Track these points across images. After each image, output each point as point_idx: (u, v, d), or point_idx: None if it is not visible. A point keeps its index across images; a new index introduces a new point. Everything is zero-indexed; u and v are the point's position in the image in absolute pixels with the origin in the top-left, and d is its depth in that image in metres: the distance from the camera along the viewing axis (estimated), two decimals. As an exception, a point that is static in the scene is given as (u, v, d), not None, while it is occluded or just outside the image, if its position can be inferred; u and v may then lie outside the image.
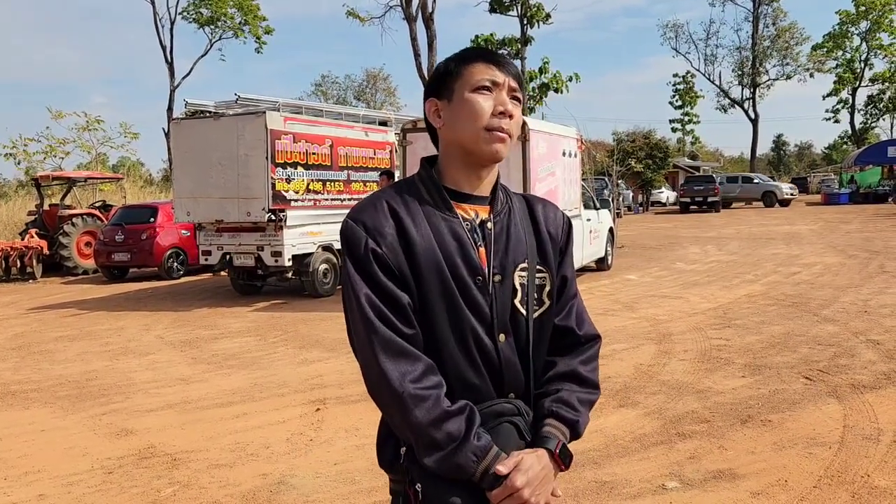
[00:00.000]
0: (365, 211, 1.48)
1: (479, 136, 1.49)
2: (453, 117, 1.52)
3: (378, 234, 1.44)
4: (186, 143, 11.27)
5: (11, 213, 22.22)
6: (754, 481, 3.85)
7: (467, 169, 1.54)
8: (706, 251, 16.16)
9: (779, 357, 6.45)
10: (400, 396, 1.37)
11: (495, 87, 1.51)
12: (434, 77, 1.57)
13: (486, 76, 1.50)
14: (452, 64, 1.54)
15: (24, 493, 4.11)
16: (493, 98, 1.50)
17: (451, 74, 1.53)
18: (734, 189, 36.74)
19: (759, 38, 41.62)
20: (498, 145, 1.50)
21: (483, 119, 1.48)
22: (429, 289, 1.45)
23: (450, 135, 1.53)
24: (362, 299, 1.42)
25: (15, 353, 8.06)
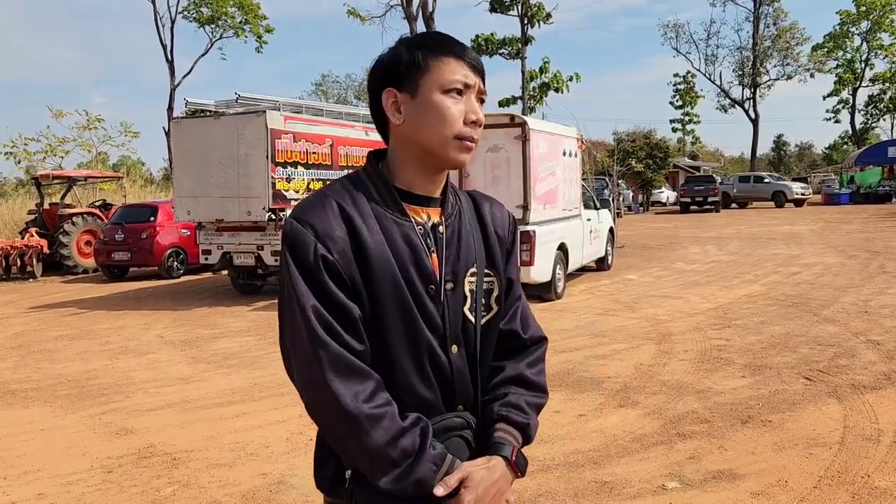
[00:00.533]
0: (313, 212, 1.35)
1: (449, 144, 1.39)
2: (419, 117, 1.39)
3: (329, 239, 1.32)
4: (187, 142, 11.27)
5: (12, 212, 22.21)
6: (754, 482, 3.84)
7: (424, 171, 1.43)
8: (706, 251, 16.16)
9: (779, 357, 6.45)
10: (355, 418, 1.27)
11: (467, 89, 1.40)
12: (394, 64, 1.40)
13: (458, 77, 1.38)
14: (420, 55, 1.39)
15: (24, 491, 4.11)
16: (465, 103, 1.39)
17: (418, 67, 1.38)
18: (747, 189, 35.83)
19: (760, 38, 41.61)
20: (466, 155, 1.41)
21: (455, 127, 1.38)
22: (382, 299, 1.34)
23: (411, 134, 1.40)
24: (309, 311, 1.29)
25: (15, 352, 8.05)
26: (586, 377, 6.03)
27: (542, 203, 9.88)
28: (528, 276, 9.48)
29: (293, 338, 1.33)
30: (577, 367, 6.35)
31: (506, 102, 23.33)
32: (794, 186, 35.65)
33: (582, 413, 5.11)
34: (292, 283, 1.32)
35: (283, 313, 1.36)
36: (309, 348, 1.30)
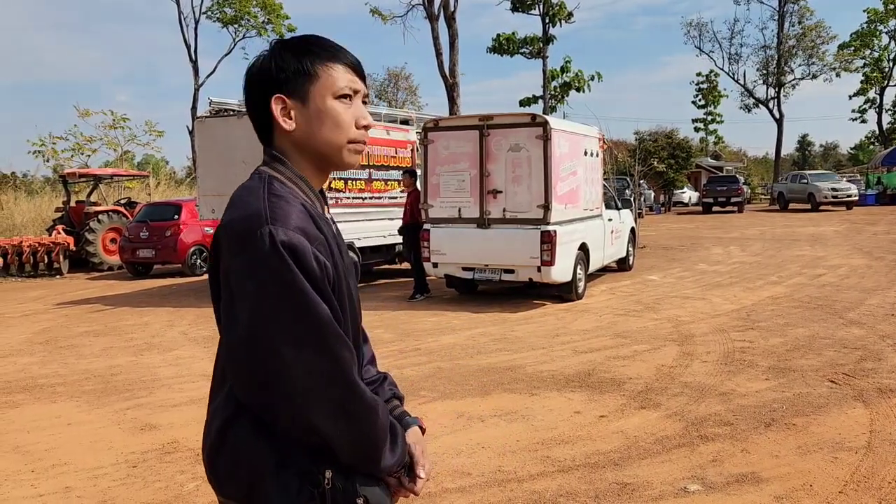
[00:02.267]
0: (294, 216, 1.32)
1: (343, 149, 1.45)
2: (312, 124, 1.42)
3: (318, 242, 1.34)
4: (210, 141, 11.38)
5: (39, 209, 22.56)
6: (778, 485, 3.81)
7: (318, 172, 1.49)
8: (729, 252, 16.00)
9: (803, 360, 6.37)
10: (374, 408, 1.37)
11: (355, 95, 1.46)
12: (282, 72, 1.41)
13: (347, 83, 1.44)
14: (307, 61, 1.41)
15: (51, 485, 4.18)
16: (354, 107, 1.45)
17: (307, 75, 1.41)
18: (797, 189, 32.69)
19: (785, 36, 41.07)
20: (356, 158, 1.49)
21: (349, 132, 1.44)
22: (344, 293, 1.39)
23: (304, 140, 1.44)
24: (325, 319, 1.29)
25: (42, 348, 8.19)
26: (607, 378, 6.00)
27: (564, 203, 9.85)
28: (548, 276, 9.46)
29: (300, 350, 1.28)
30: (597, 368, 6.33)
31: (527, 102, 23.28)
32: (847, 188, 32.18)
33: (603, 414, 5.09)
34: (301, 292, 1.27)
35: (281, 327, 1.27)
36: (328, 356, 1.30)
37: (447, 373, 6.35)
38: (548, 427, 4.86)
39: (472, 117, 10.31)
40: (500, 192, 9.71)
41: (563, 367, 6.41)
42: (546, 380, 6.03)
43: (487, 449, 4.49)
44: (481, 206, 9.80)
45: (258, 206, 1.32)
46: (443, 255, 10.05)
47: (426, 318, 9.18)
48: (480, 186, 9.79)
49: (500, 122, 9.79)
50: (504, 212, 9.70)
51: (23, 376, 6.83)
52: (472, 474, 4.10)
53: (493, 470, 4.15)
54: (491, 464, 4.25)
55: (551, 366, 6.50)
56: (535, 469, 4.14)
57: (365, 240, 11.91)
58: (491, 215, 9.77)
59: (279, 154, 1.46)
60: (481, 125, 9.82)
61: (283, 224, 1.29)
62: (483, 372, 6.35)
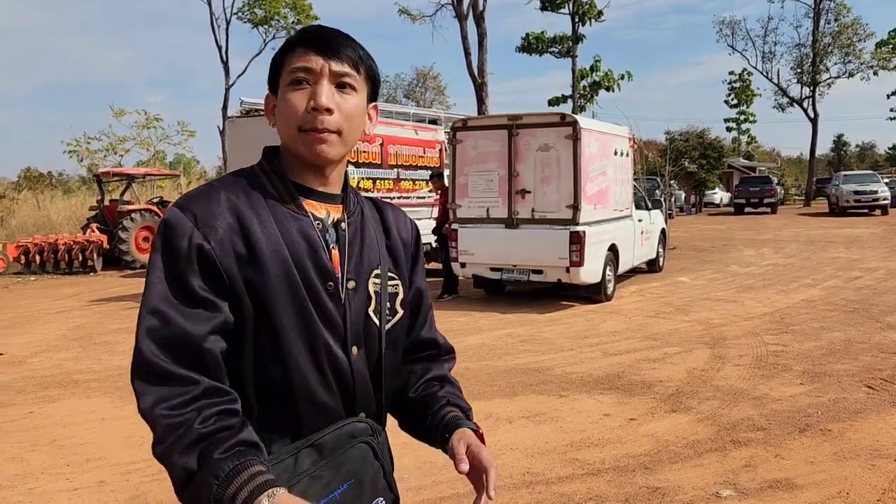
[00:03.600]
0: (197, 200, 1.27)
1: (295, 139, 1.31)
2: (278, 115, 1.35)
3: (208, 228, 1.24)
4: (241, 141, 11.48)
5: (74, 208, 23.03)
6: (813, 492, 3.73)
7: (308, 167, 1.36)
8: (762, 254, 15.75)
9: (839, 364, 6.24)
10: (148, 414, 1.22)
11: (311, 75, 1.30)
12: (269, 69, 1.38)
13: (297, 65, 1.30)
14: (278, 55, 1.35)
15: (86, 479, 4.25)
16: (308, 92, 1.30)
17: (276, 65, 1.35)
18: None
19: (820, 34, 40.25)
20: (319, 146, 1.30)
21: (295, 119, 1.30)
22: (275, 296, 1.26)
23: (279, 134, 1.36)
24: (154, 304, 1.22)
25: (77, 344, 8.34)
26: (637, 381, 5.94)
27: (593, 203, 9.77)
28: (577, 277, 9.40)
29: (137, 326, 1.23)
30: (627, 371, 6.26)
31: (556, 101, 23.14)
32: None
33: (633, 417, 5.04)
34: (152, 271, 1.24)
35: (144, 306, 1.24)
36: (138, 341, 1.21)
37: (475, 373, 6.34)
38: (577, 429, 4.82)
39: (500, 117, 10.28)
40: (529, 192, 9.66)
41: (592, 369, 6.36)
42: (575, 381, 5.99)
43: (516, 450, 4.47)
44: (510, 206, 9.77)
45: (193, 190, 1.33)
46: (471, 255, 10.04)
47: (454, 318, 9.17)
48: (509, 186, 9.76)
49: (529, 122, 9.75)
50: (533, 212, 9.66)
51: (58, 371, 6.96)
52: (500, 476, 4.08)
53: (521, 471, 4.13)
54: (519, 465, 4.22)
55: (580, 367, 6.45)
56: (564, 471, 4.11)
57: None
58: (519, 215, 9.73)
59: (273, 148, 1.41)
60: (510, 125, 9.78)
61: (180, 205, 1.27)
62: (511, 373, 6.33)
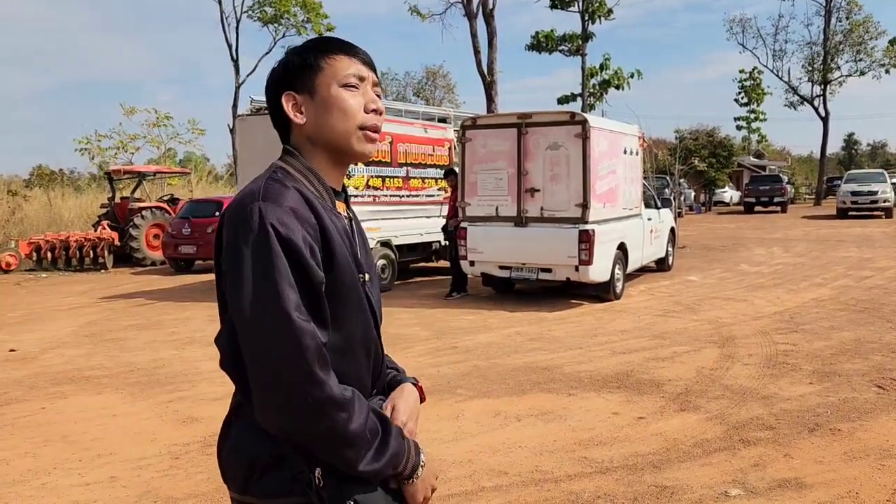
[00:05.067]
0: (285, 195, 1.33)
1: (353, 136, 1.44)
2: (321, 115, 1.43)
3: (308, 225, 1.32)
4: (251, 138, 11.53)
5: (86, 205, 23.16)
6: (822, 492, 3.72)
7: (334, 166, 1.48)
8: (772, 253, 15.68)
9: (849, 364, 6.22)
10: (344, 405, 1.28)
11: (361, 82, 1.45)
12: (288, 69, 1.45)
13: (351, 71, 1.44)
14: (311, 56, 1.44)
15: (97, 474, 4.29)
16: (362, 94, 1.45)
17: (311, 68, 1.43)
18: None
19: (832, 32, 39.96)
20: (370, 145, 1.47)
21: (356, 118, 1.44)
22: (343, 289, 1.37)
23: (316, 132, 1.44)
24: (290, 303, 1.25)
25: (88, 340, 8.40)
26: (646, 379, 5.94)
27: (602, 202, 9.76)
28: (586, 276, 9.39)
29: (264, 333, 1.26)
30: (636, 369, 6.26)
31: (565, 99, 23.09)
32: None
33: (641, 416, 5.03)
34: (271, 272, 1.25)
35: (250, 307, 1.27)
36: (290, 343, 1.24)
37: (484, 371, 6.35)
38: (585, 428, 4.83)
39: (510, 115, 10.28)
40: (538, 191, 9.66)
41: (600, 368, 6.36)
42: (583, 380, 5.99)
43: (524, 448, 4.47)
44: (519, 205, 9.77)
45: (254, 187, 1.36)
46: (480, 253, 10.04)
47: (463, 316, 9.18)
48: (518, 185, 9.75)
49: (538, 121, 9.74)
50: (542, 210, 9.65)
51: (70, 368, 7.02)
52: (508, 473, 4.09)
53: (530, 469, 4.14)
54: (528, 463, 4.23)
55: (589, 366, 6.45)
56: (573, 470, 4.12)
57: (402, 238, 11.97)
58: (528, 214, 9.73)
59: (292, 148, 1.48)
60: (519, 123, 9.78)
61: (273, 202, 1.30)
62: (520, 371, 6.33)
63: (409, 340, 7.59)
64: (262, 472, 1.34)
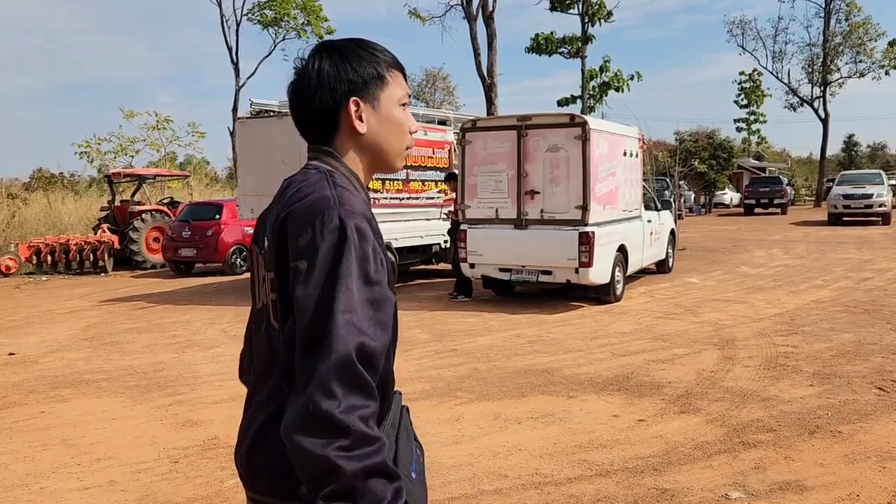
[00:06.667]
0: (357, 203, 1.35)
1: (402, 153, 1.53)
2: (381, 128, 1.48)
3: (376, 234, 1.35)
4: (251, 141, 11.54)
5: (86, 208, 23.16)
6: (823, 494, 3.71)
7: (368, 173, 1.53)
8: (772, 255, 15.68)
9: (850, 366, 6.21)
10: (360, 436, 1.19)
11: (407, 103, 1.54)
12: (361, 76, 1.44)
13: (406, 92, 1.52)
14: (381, 68, 1.47)
15: (96, 478, 4.28)
16: (409, 115, 1.54)
17: (381, 80, 1.47)
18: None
19: (831, 34, 39.99)
20: (403, 163, 1.56)
21: (408, 138, 1.53)
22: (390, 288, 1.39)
23: (372, 143, 1.48)
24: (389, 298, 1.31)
25: (87, 344, 8.39)
26: (646, 382, 5.93)
27: (602, 204, 9.75)
28: (586, 278, 9.38)
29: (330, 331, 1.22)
30: (636, 372, 6.25)
31: (565, 102, 23.07)
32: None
33: (641, 418, 5.03)
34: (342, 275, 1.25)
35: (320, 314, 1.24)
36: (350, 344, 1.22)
37: (484, 374, 6.34)
38: (585, 430, 4.82)
39: (510, 117, 10.28)
40: (538, 193, 9.66)
41: (600, 370, 6.35)
42: (584, 382, 5.98)
43: (524, 451, 4.47)
44: (519, 207, 9.76)
45: (325, 193, 1.34)
46: (480, 255, 10.04)
47: (463, 318, 9.18)
48: (518, 187, 9.75)
49: (538, 123, 9.74)
50: (542, 212, 9.65)
51: (70, 371, 7.01)
52: (508, 476, 4.08)
53: (529, 472, 4.13)
54: (528, 466, 4.22)
55: (589, 368, 6.44)
56: (573, 472, 4.11)
57: (402, 240, 11.96)
58: (528, 216, 9.73)
59: (334, 151, 1.47)
60: (519, 125, 9.78)
61: (350, 208, 1.32)
62: (520, 374, 6.32)
63: (409, 343, 7.58)
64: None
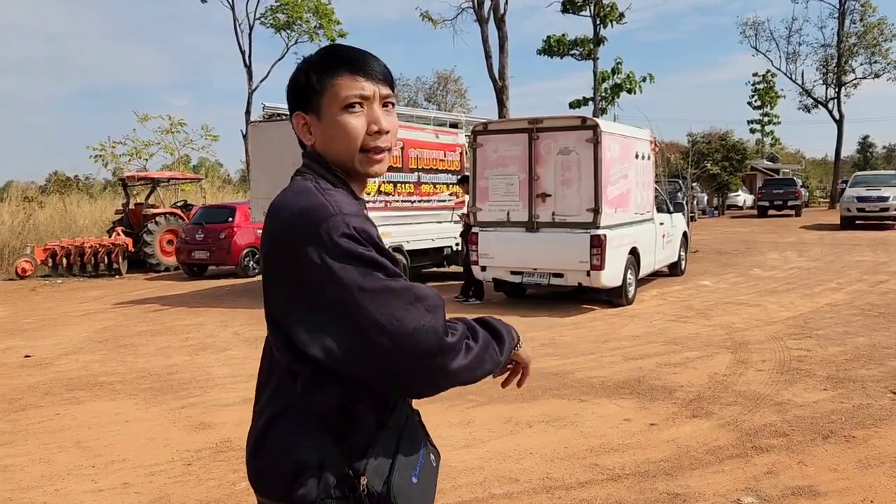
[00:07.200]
0: (351, 205, 1.38)
1: (355, 159, 1.44)
2: (326, 138, 1.44)
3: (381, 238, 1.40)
4: (263, 144, 11.60)
5: (100, 211, 23.34)
6: (837, 500, 3.69)
7: (352, 180, 1.49)
8: (786, 257, 15.57)
9: (864, 370, 6.16)
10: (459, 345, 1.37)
11: (365, 101, 1.43)
12: (296, 89, 1.46)
13: (353, 92, 1.41)
14: (314, 76, 1.43)
15: (110, 480, 4.32)
16: (366, 115, 1.43)
17: (314, 90, 1.43)
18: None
19: (846, 34, 39.68)
20: (377, 166, 1.47)
21: (357, 141, 1.42)
22: None
23: (324, 153, 1.46)
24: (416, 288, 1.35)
25: (102, 346, 8.47)
26: (658, 385, 5.91)
27: (614, 207, 9.73)
28: (598, 281, 9.36)
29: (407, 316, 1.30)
30: (648, 375, 6.23)
31: (577, 104, 23.02)
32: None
33: (653, 422, 5.01)
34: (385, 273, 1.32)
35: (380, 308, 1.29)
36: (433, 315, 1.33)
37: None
38: (597, 434, 4.81)
39: (521, 120, 10.28)
40: (549, 196, 9.65)
41: (612, 374, 6.33)
42: (595, 386, 5.97)
43: (535, 455, 4.46)
44: (530, 210, 9.76)
45: (319, 200, 1.35)
46: (491, 258, 10.04)
47: (474, 321, 9.17)
48: (529, 190, 9.75)
49: (549, 125, 9.74)
50: (553, 215, 9.64)
51: (84, 374, 7.07)
52: (519, 480, 4.08)
53: (540, 476, 4.13)
54: (539, 470, 4.22)
55: (600, 372, 6.42)
56: (584, 476, 4.10)
57: (413, 243, 11.98)
58: (540, 219, 9.72)
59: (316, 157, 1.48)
60: (530, 128, 9.78)
61: (346, 212, 1.33)
62: (531, 377, 6.29)
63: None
64: (307, 476, 1.36)
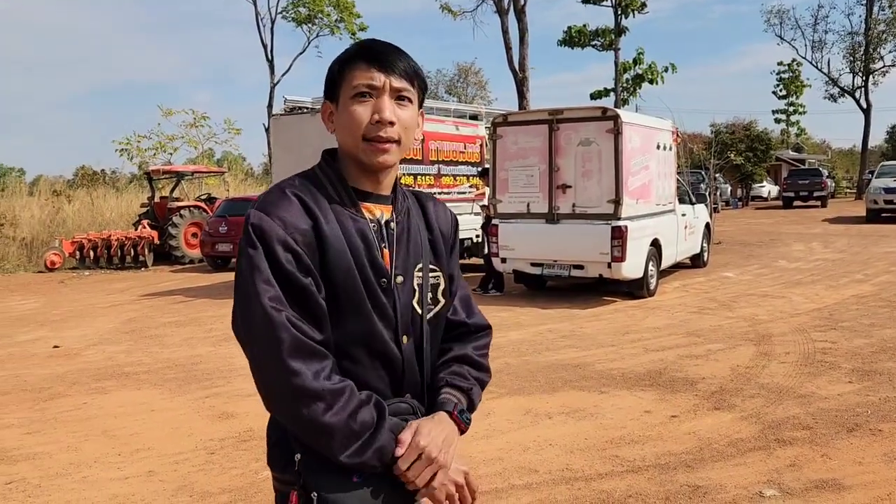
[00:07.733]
0: (279, 205, 1.40)
1: (358, 147, 1.46)
2: (339, 126, 1.49)
3: (297, 231, 1.38)
4: (285, 137, 11.68)
5: (126, 204, 23.64)
6: (861, 493, 3.65)
7: (362, 172, 1.50)
8: (811, 248, 15.37)
9: (890, 362, 6.07)
10: (319, 394, 1.32)
11: (374, 91, 1.44)
12: (326, 79, 1.51)
13: (362, 81, 1.44)
14: (338, 67, 1.48)
15: (136, 468, 4.40)
16: (372, 105, 1.44)
17: (335, 79, 1.48)
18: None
19: (874, 21, 38.92)
20: (381, 156, 1.46)
21: (359, 130, 1.44)
22: (338, 290, 1.41)
23: (340, 142, 1.50)
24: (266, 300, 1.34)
25: (128, 337, 8.60)
26: (679, 377, 5.87)
27: (635, 198, 9.66)
28: (619, 272, 9.32)
29: (249, 325, 1.37)
30: (669, 367, 6.20)
31: (598, 95, 22.85)
32: None
33: (674, 414, 4.99)
34: (253, 273, 1.36)
35: (239, 302, 1.40)
36: (266, 335, 1.34)
37: (515, 369, 6.35)
38: (617, 426, 4.80)
39: (541, 112, 10.24)
40: (570, 187, 9.61)
41: (633, 366, 6.31)
42: (615, 378, 5.95)
43: (555, 446, 4.47)
44: (550, 201, 9.73)
45: (263, 194, 1.46)
46: (511, 250, 10.03)
47: (494, 313, 9.18)
48: (549, 181, 9.71)
49: (569, 117, 9.69)
50: (573, 207, 9.60)
51: (111, 364, 7.20)
52: (539, 471, 4.09)
53: (560, 468, 4.13)
54: (558, 461, 4.23)
55: (621, 364, 6.40)
56: (604, 468, 4.10)
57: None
58: (560, 210, 9.69)
59: (331, 152, 1.55)
60: (551, 119, 9.73)
61: (263, 210, 1.39)
62: (551, 368, 6.32)
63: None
64: (274, 449, 1.48)
